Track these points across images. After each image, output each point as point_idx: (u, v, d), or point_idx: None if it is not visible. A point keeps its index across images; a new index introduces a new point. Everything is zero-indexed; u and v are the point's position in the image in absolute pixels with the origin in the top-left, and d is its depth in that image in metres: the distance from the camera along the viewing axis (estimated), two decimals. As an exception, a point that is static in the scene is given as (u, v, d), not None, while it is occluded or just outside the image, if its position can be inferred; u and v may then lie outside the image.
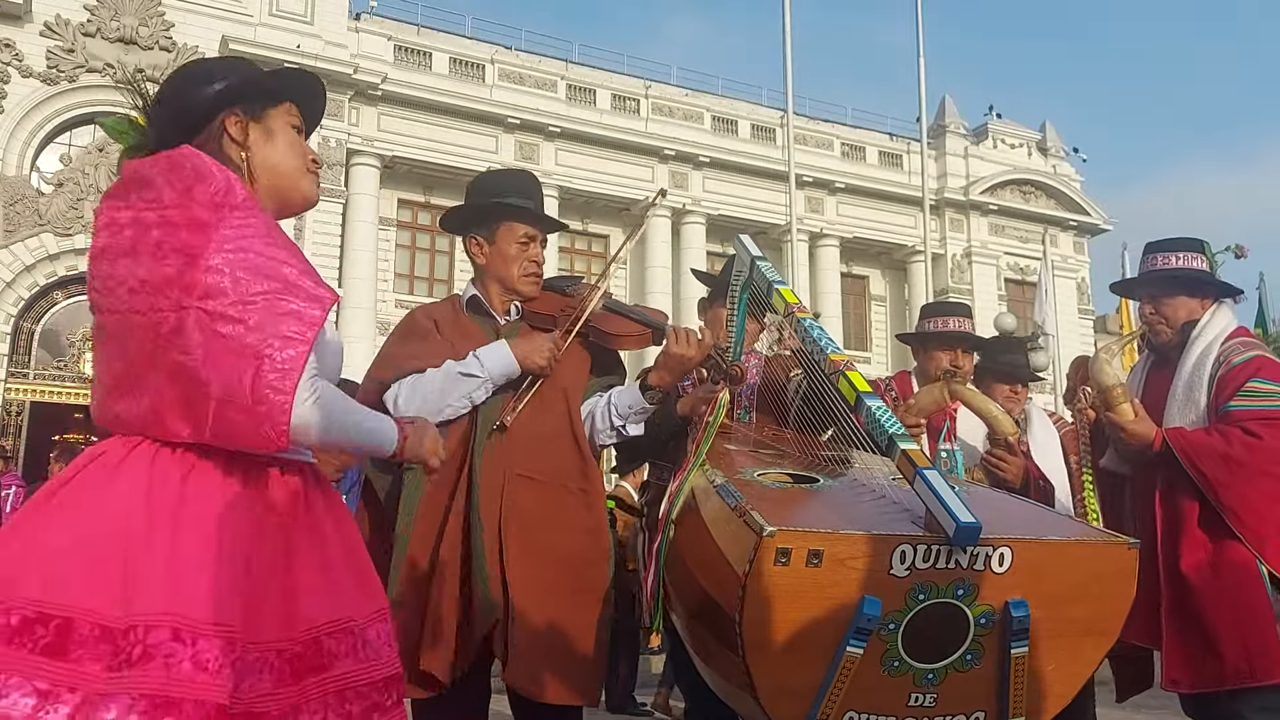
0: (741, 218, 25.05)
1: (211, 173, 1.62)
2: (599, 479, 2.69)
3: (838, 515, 1.86)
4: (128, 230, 1.61)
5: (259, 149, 1.75)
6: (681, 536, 2.14)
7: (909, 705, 1.79)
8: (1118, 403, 2.94)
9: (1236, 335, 3.02)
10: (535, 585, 2.48)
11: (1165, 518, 2.91)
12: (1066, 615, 1.80)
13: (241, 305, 1.52)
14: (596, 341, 2.72)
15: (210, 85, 1.74)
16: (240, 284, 1.53)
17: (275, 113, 1.79)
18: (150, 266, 1.56)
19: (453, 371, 2.58)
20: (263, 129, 1.76)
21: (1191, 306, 3.08)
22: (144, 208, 1.61)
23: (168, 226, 1.58)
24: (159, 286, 1.55)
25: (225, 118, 1.74)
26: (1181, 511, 2.88)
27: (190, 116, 1.73)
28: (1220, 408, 2.89)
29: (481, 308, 2.77)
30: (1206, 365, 2.95)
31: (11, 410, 18.56)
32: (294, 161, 1.78)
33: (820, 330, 2.23)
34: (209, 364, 1.51)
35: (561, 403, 2.65)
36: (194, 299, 1.52)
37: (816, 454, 2.33)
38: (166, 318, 1.54)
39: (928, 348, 3.58)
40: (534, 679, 2.47)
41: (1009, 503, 2.20)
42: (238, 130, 1.74)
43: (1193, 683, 2.81)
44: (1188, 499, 2.87)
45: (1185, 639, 2.82)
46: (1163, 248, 3.15)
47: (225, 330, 1.51)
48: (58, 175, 19.48)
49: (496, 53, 24.84)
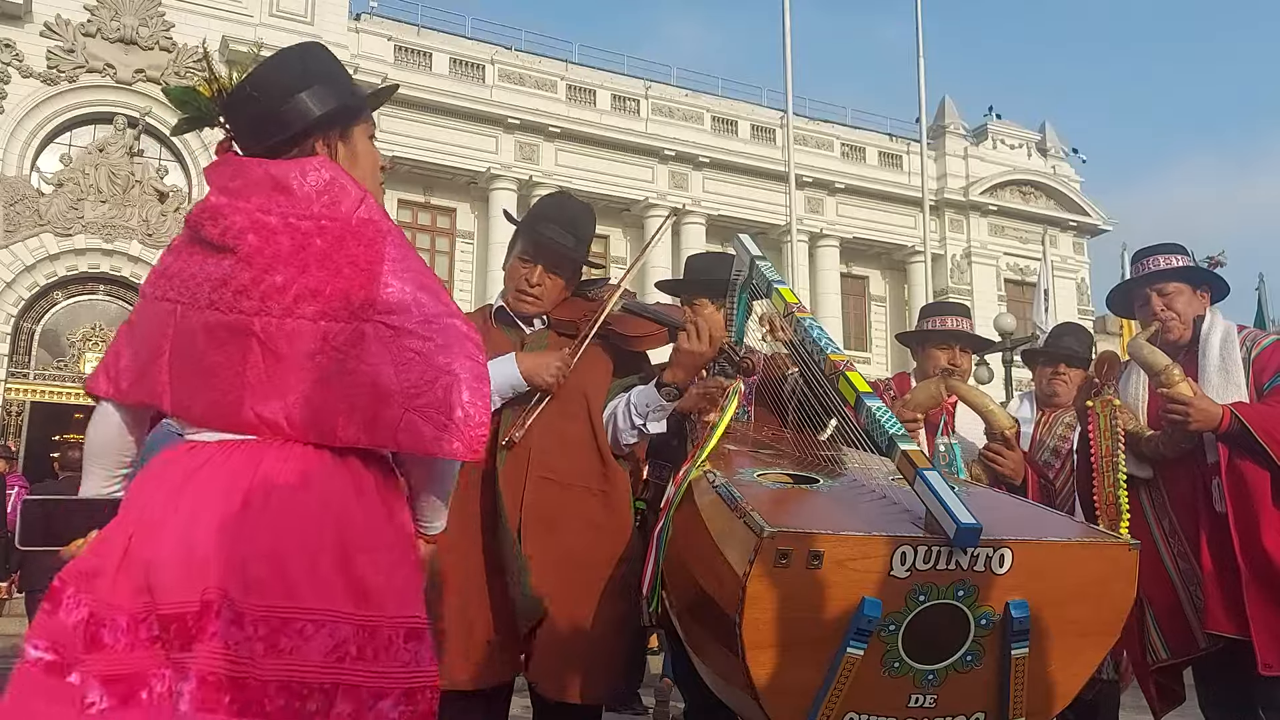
0: (741, 218, 25.05)
1: (348, 188, 1.69)
2: (622, 480, 2.70)
3: (838, 516, 1.85)
4: (282, 237, 1.63)
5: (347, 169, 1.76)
6: (681, 536, 2.13)
7: (909, 706, 1.79)
8: (1176, 382, 2.91)
9: (1241, 329, 3.11)
10: (557, 586, 2.50)
11: (1234, 499, 2.88)
12: (1067, 616, 1.80)
13: (426, 324, 1.62)
14: (616, 343, 2.75)
15: (309, 107, 1.74)
16: (421, 305, 1.63)
17: (359, 130, 1.81)
18: (320, 277, 1.61)
19: None
20: (349, 150, 1.79)
21: (1197, 303, 3.14)
22: (289, 213, 1.64)
23: (330, 238, 1.63)
24: (332, 297, 1.60)
25: (317, 140, 1.75)
26: (1251, 491, 2.85)
27: (283, 130, 1.73)
28: (1267, 384, 2.93)
29: (507, 318, 2.80)
30: (1234, 350, 2.99)
31: (11, 410, 18.56)
32: (372, 181, 1.81)
33: (820, 330, 2.23)
34: (400, 375, 1.59)
35: (582, 405, 2.67)
36: (376, 313, 1.60)
37: (816, 454, 2.33)
38: (341, 328, 1.60)
39: (926, 347, 3.60)
40: (556, 678, 2.50)
41: (1009, 503, 2.20)
42: (328, 152, 1.76)
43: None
44: (1257, 476, 2.85)
45: (1275, 619, 2.78)
46: (1160, 250, 3.22)
47: (414, 346, 1.60)
48: (58, 175, 19.48)
49: (496, 53, 24.85)
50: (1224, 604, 2.83)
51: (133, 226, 19.39)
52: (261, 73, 1.78)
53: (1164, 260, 3.18)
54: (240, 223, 1.64)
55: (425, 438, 1.60)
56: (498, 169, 23.77)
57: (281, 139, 1.73)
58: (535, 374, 2.60)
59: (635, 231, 25.57)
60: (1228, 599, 2.81)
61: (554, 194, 3.21)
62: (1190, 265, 3.19)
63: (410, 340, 1.60)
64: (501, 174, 23.73)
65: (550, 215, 2.79)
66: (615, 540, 2.62)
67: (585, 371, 2.68)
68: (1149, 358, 2.97)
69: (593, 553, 2.57)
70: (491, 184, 23.75)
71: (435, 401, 1.59)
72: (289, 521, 1.54)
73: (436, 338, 1.62)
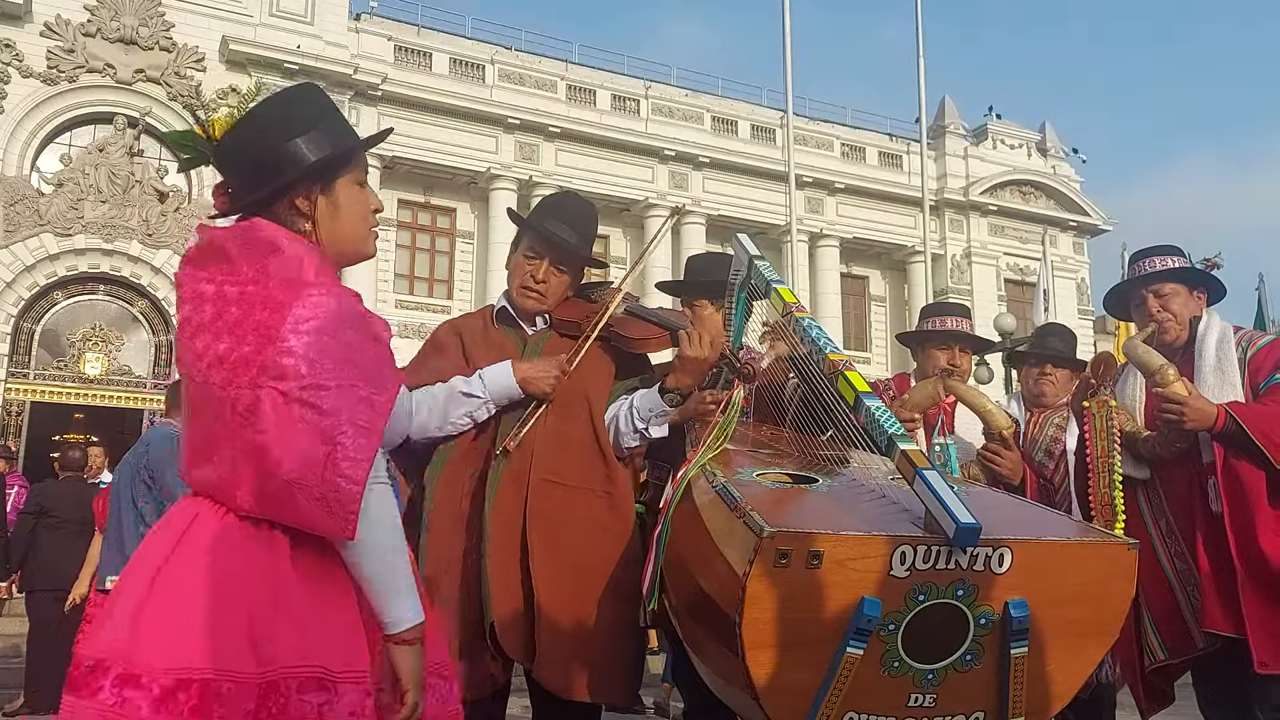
0: (741, 218, 25.05)
1: (282, 247, 1.65)
2: (624, 482, 2.71)
3: (838, 516, 1.85)
4: (209, 306, 1.64)
5: (325, 223, 1.76)
6: (680, 536, 2.14)
7: (909, 706, 1.79)
8: (1171, 382, 2.92)
9: (1237, 330, 3.11)
10: (559, 586, 2.51)
11: (1230, 499, 2.88)
12: (1066, 615, 1.80)
13: (315, 390, 1.55)
14: (618, 346, 2.75)
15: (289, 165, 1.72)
16: (314, 367, 1.56)
17: (344, 180, 1.78)
18: (229, 343, 1.60)
19: (456, 390, 2.62)
20: (330, 202, 1.76)
21: (1194, 304, 3.14)
22: (224, 280, 1.64)
23: (245, 304, 1.61)
24: (236, 364, 1.58)
25: (295, 196, 1.74)
26: (1247, 491, 2.86)
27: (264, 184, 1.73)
28: (1262, 384, 2.94)
29: (509, 318, 2.81)
30: (1230, 350, 3.00)
31: (11, 410, 18.56)
32: (358, 230, 1.80)
33: (819, 330, 2.23)
34: (281, 444, 1.53)
35: (585, 408, 2.67)
36: (269, 379, 1.55)
37: (815, 454, 2.33)
38: (242, 395, 1.57)
39: (926, 347, 3.61)
40: (561, 677, 2.50)
41: (1009, 503, 2.20)
42: (306, 206, 1.75)
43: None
44: (1252, 476, 2.86)
45: (1271, 617, 2.79)
46: (1156, 252, 3.24)
47: (298, 413, 1.54)
48: (58, 175, 19.48)
49: (496, 53, 24.84)
50: (1221, 603, 2.83)
51: (133, 226, 19.40)
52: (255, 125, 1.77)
53: (1160, 261, 3.19)
54: (182, 293, 1.69)
55: (303, 513, 1.55)
56: (498, 169, 23.77)
57: (262, 188, 1.73)
58: (532, 382, 2.60)
59: (635, 231, 25.56)
60: (1224, 598, 2.81)
61: (558, 193, 3.22)
62: (1186, 266, 3.20)
63: (295, 407, 1.54)
64: (501, 174, 23.73)
65: (556, 212, 2.80)
66: (619, 541, 2.63)
67: (587, 373, 2.68)
68: (1144, 358, 2.97)
69: (597, 554, 2.58)
70: (491, 184, 23.74)
71: (315, 477, 1.53)
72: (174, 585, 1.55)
73: (323, 403, 1.54)
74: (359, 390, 1.58)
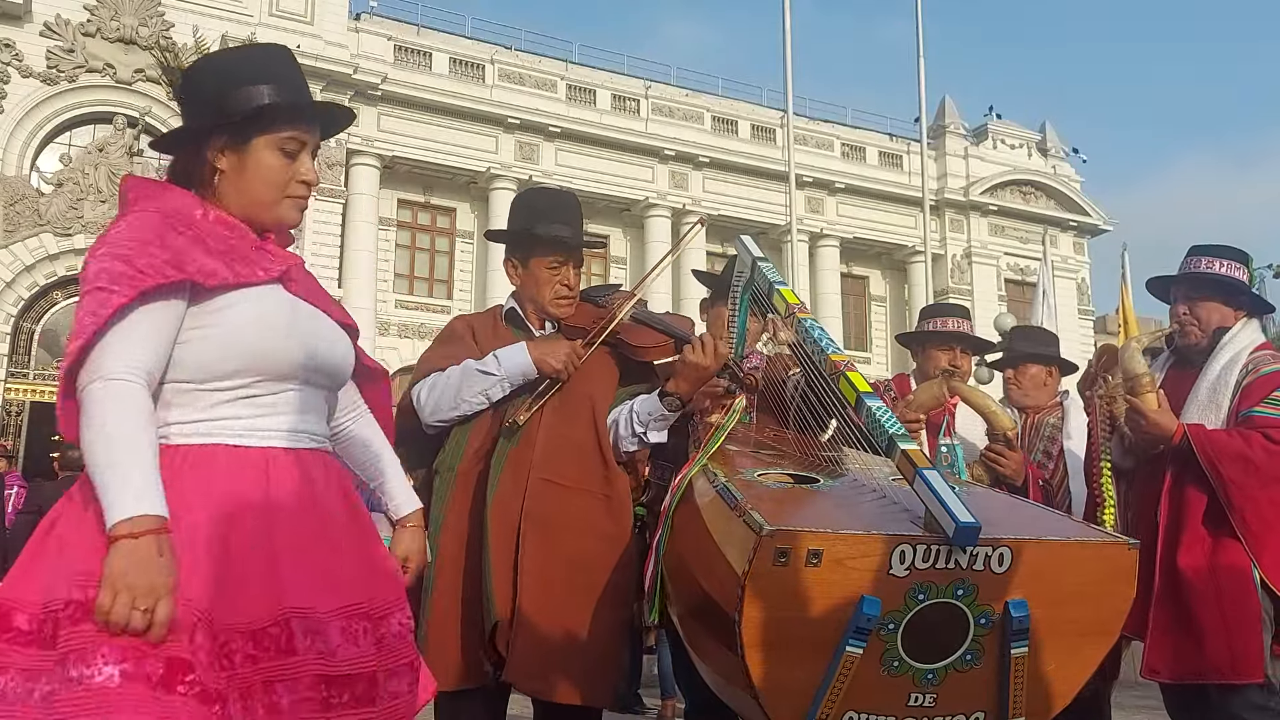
0: (741, 218, 25.05)
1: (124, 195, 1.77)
2: (623, 485, 2.71)
3: (837, 515, 1.86)
4: None
5: (230, 177, 1.77)
6: (681, 536, 2.14)
7: (909, 705, 1.79)
8: (1143, 391, 2.96)
9: (1264, 348, 3.08)
10: (547, 587, 2.50)
11: (1169, 512, 2.94)
12: (1066, 615, 1.80)
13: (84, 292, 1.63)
14: (624, 353, 2.77)
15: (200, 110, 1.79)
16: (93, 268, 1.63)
17: (262, 141, 1.78)
18: None
19: (471, 368, 2.64)
20: (238, 158, 1.77)
21: (1225, 314, 3.12)
22: None
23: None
24: None
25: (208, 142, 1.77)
26: (1186, 508, 2.91)
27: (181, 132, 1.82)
28: (1243, 412, 2.94)
29: (518, 320, 2.82)
30: (1234, 371, 3.00)
31: (11, 410, 18.57)
32: (265, 193, 1.79)
33: (821, 331, 2.24)
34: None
35: (588, 410, 2.68)
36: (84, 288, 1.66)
37: (816, 454, 2.34)
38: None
39: (926, 348, 3.60)
40: (539, 678, 2.49)
41: (1009, 503, 2.21)
42: (213, 157, 1.77)
43: (1172, 673, 2.88)
44: (1195, 496, 2.90)
45: (1171, 631, 2.87)
46: (1208, 252, 3.18)
47: (78, 313, 1.63)
48: (58, 175, 19.49)
49: (496, 53, 24.85)
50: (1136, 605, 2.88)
51: (133, 226, 19.39)
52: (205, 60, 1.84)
53: (1205, 264, 3.15)
54: None
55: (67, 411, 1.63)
56: (498, 169, 23.77)
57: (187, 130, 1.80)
58: (545, 360, 2.62)
59: (635, 231, 25.57)
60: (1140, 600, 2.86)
61: (544, 191, 3.21)
62: (1228, 278, 3.12)
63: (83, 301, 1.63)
64: (501, 174, 23.73)
65: (559, 215, 2.80)
66: (616, 545, 2.63)
67: (592, 377, 2.69)
68: (1128, 362, 3.01)
69: (593, 556, 2.58)
70: (491, 184, 23.75)
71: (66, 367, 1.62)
72: None
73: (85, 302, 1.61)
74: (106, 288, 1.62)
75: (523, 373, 2.63)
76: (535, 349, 2.65)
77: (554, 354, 2.63)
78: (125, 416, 1.56)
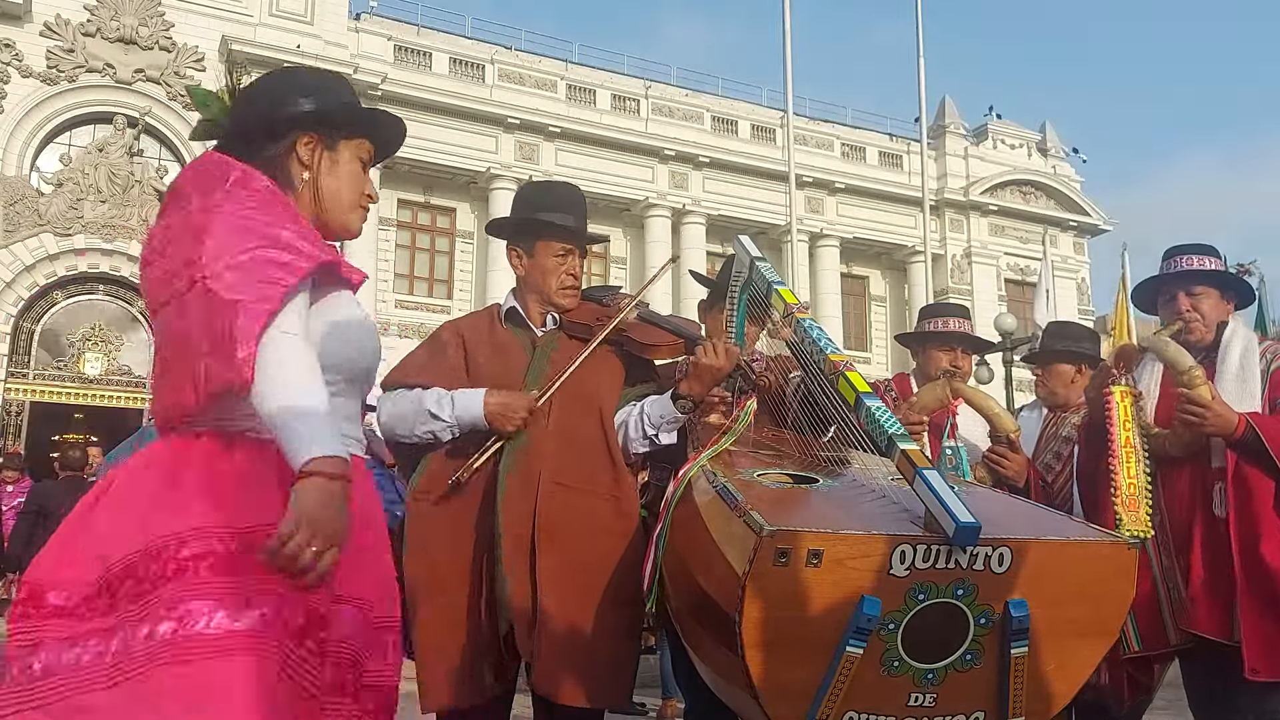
0: (741, 218, 25.06)
1: (231, 168, 1.68)
2: (631, 486, 2.71)
3: (837, 515, 1.86)
4: (157, 239, 1.68)
5: (323, 177, 1.79)
6: (680, 536, 2.14)
7: (909, 705, 1.79)
8: (1198, 384, 2.91)
9: (1263, 340, 3.13)
10: (564, 590, 2.50)
11: (1238, 505, 2.90)
12: (1066, 615, 1.80)
13: (228, 266, 1.55)
14: (631, 351, 2.75)
15: (301, 102, 1.79)
16: (229, 246, 1.56)
17: (348, 145, 1.83)
18: (172, 257, 1.62)
19: (423, 407, 2.62)
20: (331, 158, 1.80)
21: (1222, 308, 3.15)
22: (175, 215, 1.68)
23: (184, 224, 1.64)
24: (176, 272, 1.60)
25: (301, 137, 1.78)
26: (1256, 500, 2.88)
27: (272, 125, 1.78)
28: (1278, 399, 2.96)
29: (519, 319, 2.80)
30: (1254, 361, 3.02)
31: (11, 410, 18.57)
32: (349, 196, 1.82)
33: (820, 331, 2.23)
34: (200, 326, 1.54)
35: (595, 411, 2.67)
36: (198, 272, 1.56)
37: (816, 454, 2.33)
38: (184, 299, 1.58)
39: (927, 348, 3.60)
40: (559, 683, 2.49)
41: (1009, 503, 2.20)
42: (307, 153, 1.78)
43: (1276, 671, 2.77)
44: (1262, 486, 2.88)
45: (1267, 626, 2.80)
46: (1193, 250, 3.21)
47: (215, 288, 1.54)
48: (58, 175, 19.49)
49: (496, 53, 24.85)
50: (1210, 607, 2.85)
51: (132, 226, 19.40)
52: (273, 76, 1.86)
53: (1197, 261, 3.19)
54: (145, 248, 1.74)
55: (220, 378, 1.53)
56: (498, 169, 23.77)
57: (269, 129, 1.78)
58: (499, 417, 2.56)
59: (635, 231, 25.57)
60: (1216, 602, 2.83)
61: (550, 182, 3.19)
62: (1223, 270, 3.19)
63: (213, 284, 1.54)
64: (501, 174, 23.73)
65: (566, 205, 2.81)
66: (625, 545, 2.62)
67: (599, 375, 2.68)
68: (1175, 356, 2.97)
69: (604, 558, 2.57)
70: (491, 184, 23.75)
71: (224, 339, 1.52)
72: None
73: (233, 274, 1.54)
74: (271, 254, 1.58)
75: (474, 424, 2.59)
76: (494, 400, 2.58)
77: (510, 416, 2.56)
78: (312, 370, 1.56)
